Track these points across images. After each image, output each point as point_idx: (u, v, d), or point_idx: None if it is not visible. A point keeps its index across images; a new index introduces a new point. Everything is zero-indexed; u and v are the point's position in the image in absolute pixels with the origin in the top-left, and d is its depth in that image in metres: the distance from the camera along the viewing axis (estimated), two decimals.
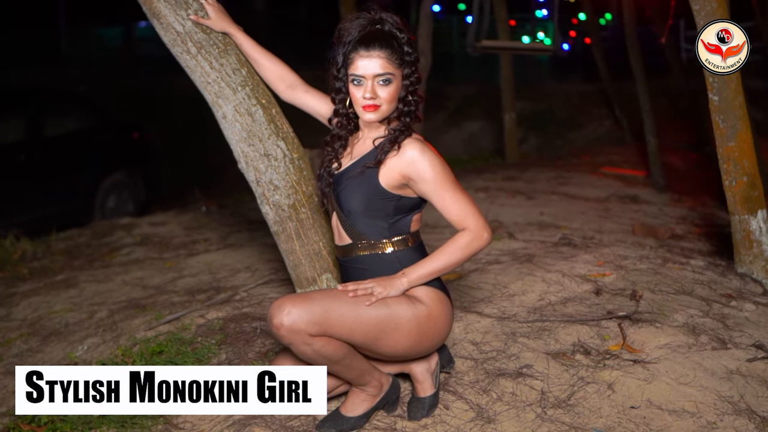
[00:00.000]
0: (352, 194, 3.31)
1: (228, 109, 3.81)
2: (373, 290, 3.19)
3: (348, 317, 3.12)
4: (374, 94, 3.23)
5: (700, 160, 12.11)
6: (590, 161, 12.16)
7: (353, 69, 3.24)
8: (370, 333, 3.18)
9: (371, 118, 3.27)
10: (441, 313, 3.32)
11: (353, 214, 3.32)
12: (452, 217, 3.26)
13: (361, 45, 3.22)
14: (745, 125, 4.97)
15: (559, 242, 6.14)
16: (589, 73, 19.67)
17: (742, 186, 5.00)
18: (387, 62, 3.22)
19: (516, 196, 8.67)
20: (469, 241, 3.23)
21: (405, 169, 3.23)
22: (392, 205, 3.30)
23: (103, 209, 10.44)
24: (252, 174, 3.86)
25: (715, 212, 8.09)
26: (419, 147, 3.23)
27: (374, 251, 3.34)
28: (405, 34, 3.31)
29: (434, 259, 3.26)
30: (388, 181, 3.26)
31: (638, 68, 10.76)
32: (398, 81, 3.27)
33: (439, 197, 3.23)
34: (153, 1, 3.79)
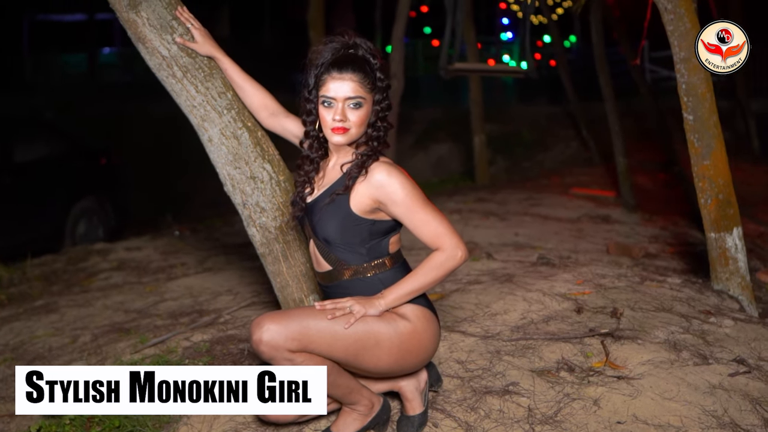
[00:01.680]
0: (326, 223, 3.32)
1: (214, 132, 3.83)
2: (351, 309, 3.21)
3: (326, 334, 3.14)
4: (344, 117, 3.24)
5: (668, 179, 12.23)
6: (560, 182, 12.25)
7: (324, 90, 3.26)
8: (350, 349, 3.20)
9: (339, 140, 3.28)
10: (426, 329, 3.34)
11: (330, 242, 3.33)
12: (425, 238, 3.28)
13: (334, 67, 3.24)
14: (720, 144, 5.04)
15: (537, 262, 6.20)
16: (555, 95, 19.84)
17: (717, 204, 5.07)
18: (359, 86, 3.24)
19: (489, 217, 8.73)
20: (443, 261, 3.25)
21: (374, 193, 3.24)
22: (366, 229, 3.31)
23: (73, 235, 10.38)
24: (238, 197, 3.87)
25: (687, 231, 8.19)
26: (386, 170, 3.24)
27: (356, 276, 3.35)
28: (378, 61, 3.33)
29: (410, 280, 3.27)
30: (359, 207, 3.27)
31: (607, 89, 10.88)
32: (369, 106, 3.29)
33: (411, 219, 3.25)
34: (138, 25, 3.81)
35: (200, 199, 14.65)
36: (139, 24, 3.82)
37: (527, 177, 14.25)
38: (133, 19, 3.82)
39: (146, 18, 3.80)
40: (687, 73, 4.99)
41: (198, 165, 16.91)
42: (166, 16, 3.81)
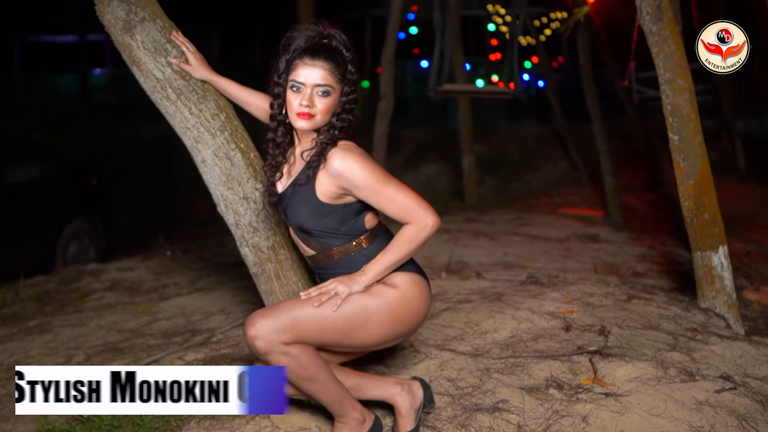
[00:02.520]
0: (297, 213, 3.39)
1: (207, 153, 3.89)
2: (336, 291, 3.29)
3: (316, 320, 3.23)
4: (311, 103, 3.28)
5: (655, 199, 12.31)
6: (548, 202, 12.32)
7: (294, 75, 3.30)
8: (341, 329, 3.28)
9: (303, 125, 3.32)
10: (415, 294, 3.42)
11: (304, 228, 3.41)
12: (394, 216, 3.34)
13: (306, 54, 3.29)
14: (705, 163, 5.11)
15: (526, 281, 6.26)
16: (543, 115, 19.94)
17: (703, 223, 5.14)
18: (329, 74, 3.29)
19: (479, 237, 8.78)
20: (413, 234, 3.32)
21: (335, 181, 3.30)
22: (338, 214, 3.38)
23: (65, 256, 10.40)
24: (231, 217, 3.93)
25: (674, 250, 8.25)
26: (342, 155, 3.28)
27: (340, 257, 3.43)
28: (351, 54, 3.38)
29: (388, 254, 3.34)
30: (325, 195, 3.33)
31: (595, 110, 10.98)
32: (336, 95, 3.33)
33: (376, 200, 3.31)
34: (133, 48, 3.87)
35: (191, 220, 14.70)
36: (134, 47, 3.88)
37: (516, 197, 14.33)
38: (128, 43, 3.89)
39: (141, 41, 3.87)
40: (672, 94, 5.07)
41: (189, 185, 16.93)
42: (160, 40, 3.88)
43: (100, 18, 3.95)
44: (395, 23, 9.66)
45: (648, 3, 5.03)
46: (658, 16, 5.04)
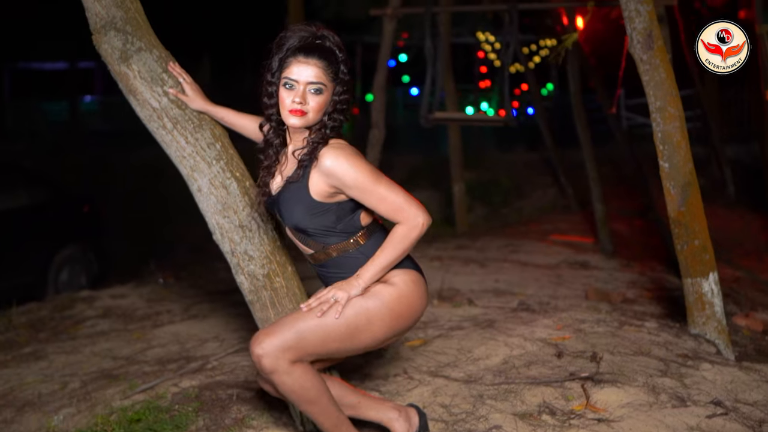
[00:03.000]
0: (291, 213, 3.42)
1: (203, 182, 3.91)
2: (336, 298, 3.33)
3: (319, 330, 3.28)
4: (303, 100, 3.32)
5: (645, 225, 12.36)
6: (539, 229, 12.36)
7: (288, 72, 3.33)
8: (345, 335, 3.33)
9: (295, 123, 3.35)
10: (412, 290, 3.46)
11: (300, 227, 3.44)
12: (385, 215, 3.38)
13: (300, 52, 3.33)
14: (695, 191, 5.16)
15: (518, 308, 6.30)
16: (532, 142, 20.00)
17: (693, 249, 5.18)
18: (322, 72, 3.32)
19: (470, 264, 8.82)
20: (405, 234, 3.35)
21: (327, 180, 3.33)
22: (333, 212, 3.41)
23: (56, 283, 10.38)
24: (227, 245, 3.95)
25: (664, 276, 8.29)
26: (333, 155, 3.31)
27: (338, 254, 3.47)
28: (343, 54, 3.42)
29: (382, 255, 3.37)
30: (319, 194, 3.37)
31: (585, 137, 11.04)
32: (328, 94, 3.37)
33: (367, 199, 3.34)
34: (130, 78, 3.91)
35: (183, 246, 14.68)
36: (131, 77, 3.92)
37: (506, 224, 14.36)
38: (124, 72, 3.92)
39: (137, 71, 3.91)
40: (662, 122, 5.11)
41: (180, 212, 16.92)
42: (156, 69, 3.92)
43: (96, 48, 3.98)
44: (386, 51, 9.70)
45: (638, 32, 5.09)
46: (649, 45, 5.10)
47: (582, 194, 14.17)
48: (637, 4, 5.10)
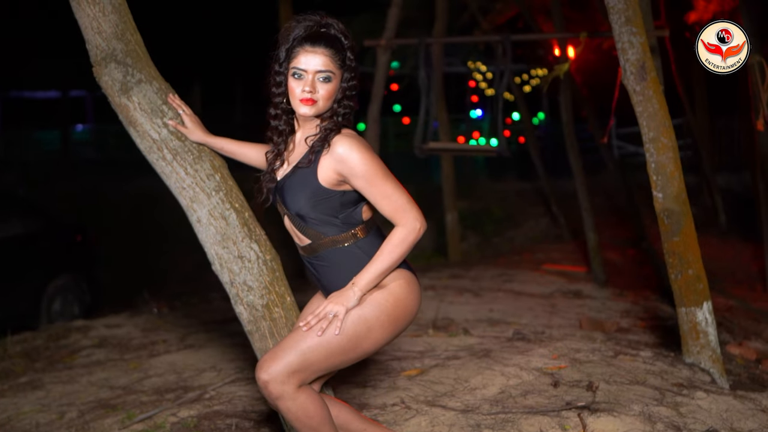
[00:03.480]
0: (296, 198, 3.42)
1: (202, 213, 3.94)
2: (334, 313, 3.32)
3: (321, 348, 3.29)
4: (313, 89, 3.34)
5: (638, 255, 12.42)
6: (531, 258, 12.41)
7: (296, 62, 3.35)
8: (347, 347, 3.33)
9: (306, 112, 3.37)
10: (407, 293, 3.46)
11: (303, 216, 3.44)
12: (386, 212, 3.38)
13: (306, 41, 3.35)
14: (689, 221, 5.19)
15: (513, 337, 6.32)
16: (524, 171, 20.09)
17: (687, 279, 5.21)
18: (330, 60, 3.34)
19: (464, 293, 8.85)
20: (404, 237, 3.35)
21: (337, 166, 3.33)
22: (337, 201, 3.42)
23: (49, 312, 10.37)
24: (226, 275, 3.97)
25: (657, 305, 8.33)
26: (347, 143, 3.32)
27: (335, 246, 3.45)
28: (349, 41, 3.45)
29: (378, 261, 3.36)
30: (326, 180, 3.37)
31: (577, 167, 11.10)
32: (337, 81, 3.39)
33: (371, 192, 3.34)
34: (130, 109, 3.94)
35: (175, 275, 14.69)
36: (131, 108, 3.94)
37: (499, 253, 14.41)
38: (124, 104, 3.95)
39: (138, 103, 3.93)
40: (656, 153, 5.16)
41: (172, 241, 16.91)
42: (156, 101, 3.94)
43: (97, 79, 4.01)
44: (381, 82, 9.77)
45: (632, 63, 5.14)
46: (642, 76, 5.14)
47: (574, 223, 14.24)
48: (630, 36, 5.15)
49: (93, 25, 4.02)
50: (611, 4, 5.19)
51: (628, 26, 5.15)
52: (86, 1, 4.01)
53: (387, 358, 5.73)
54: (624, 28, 5.16)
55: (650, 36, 6.35)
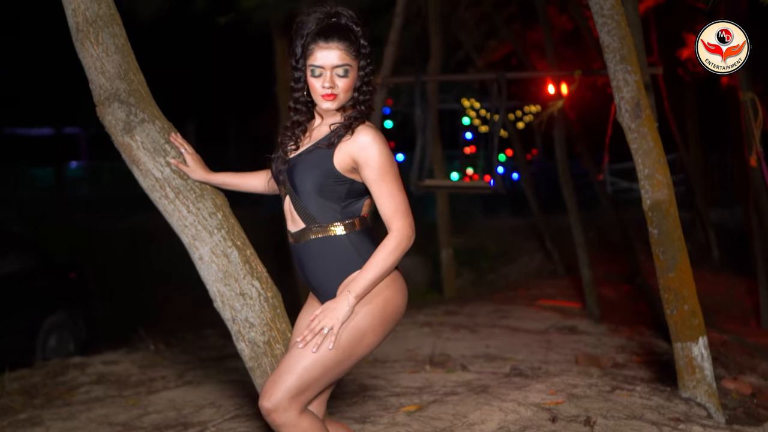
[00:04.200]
0: (306, 176, 3.43)
1: (205, 251, 3.98)
2: (329, 327, 3.31)
3: (317, 365, 3.29)
4: (333, 84, 3.36)
5: (632, 290, 12.47)
6: (526, 294, 12.44)
7: (313, 60, 3.37)
8: (342, 358, 3.32)
9: (329, 106, 3.41)
10: (394, 292, 3.44)
11: (306, 194, 3.44)
12: (383, 210, 3.38)
13: (320, 37, 3.37)
14: (684, 257, 5.24)
15: (511, 373, 6.35)
16: (518, 207, 20.15)
17: (683, 314, 5.25)
18: (345, 54, 3.36)
19: (460, 330, 8.87)
20: (397, 244, 3.35)
21: (355, 152, 3.36)
22: (345, 188, 3.43)
23: (45, 349, 10.38)
24: (228, 312, 4.01)
25: (652, 341, 8.36)
26: (372, 134, 3.36)
27: (326, 234, 3.44)
28: (360, 28, 3.46)
29: (372, 267, 3.35)
30: (341, 165, 3.39)
31: (571, 203, 11.17)
32: (354, 72, 3.41)
33: (378, 187, 3.36)
34: (133, 148, 3.99)
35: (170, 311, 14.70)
36: (134, 147, 4.00)
37: (494, 289, 14.45)
38: (127, 143, 4.01)
39: (140, 142, 3.99)
40: (651, 189, 5.21)
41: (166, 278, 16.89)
42: (159, 140, 4.00)
43: (100, 119, 4.06)
44: (377, 119, 9.85)
45: (627, 101, 5.20)
46: (637, 114, 5.21)
47: (568, 259, 14.29)
48: (625, 74, 5.22)
49: (96, 65, 4.08)
50: (606, 42, 5.26)
51: (623, 64, 5.22)
52: (90, 41, 4.08)
53: (385, 394, 5.75)
54: (619, 67, 5.23)
55: (644, 73, 6.43)
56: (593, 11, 5.32)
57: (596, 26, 5.35)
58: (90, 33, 4.08)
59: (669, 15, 14.48)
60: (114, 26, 4.14)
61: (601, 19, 5.28)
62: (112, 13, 4.16)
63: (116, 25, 4.15)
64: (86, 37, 4.08)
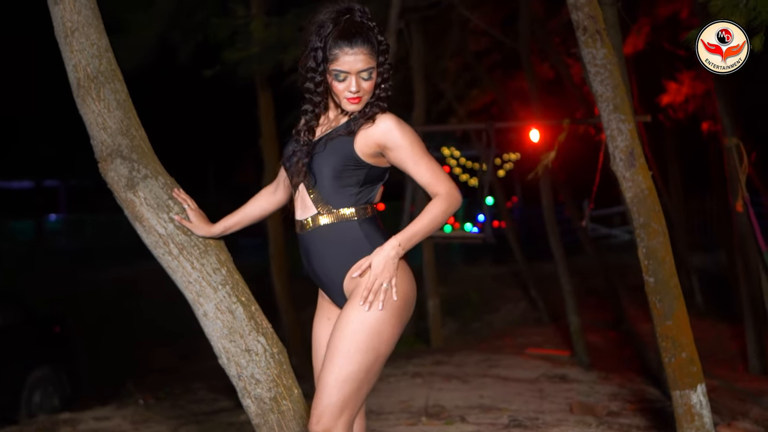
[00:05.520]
0: (326, 159, 3.42)
1: (209, 307, 3.96)
2: (388, 280, 3.31)
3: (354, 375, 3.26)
4: (359, 88, 3.36)
5: (619, 337, 12.48)
6: (513, 343, 12.44)
7: (338, 65, 3.35)
8: (369, 362, 3.29)
9: (354, 109, 3.40)
10: (404, 281, 3.40)
11: (324, 179, 3.43)
12: (425, 181, 3.37)
13: (344, 41, 3.34)
14: (681, 304, 5.25)
15: (509, 424, 6.33)
16: (499, 255, 20.13)
17: (681, 362, 5.25)
18: (368, 57, 3.36)
19: (451, 380, 8.84)
20: (447, 207, 3.34)
21: (381, 138, 3.35)
22: (363, 173, 3.41)
23: (29, 405, 10.26)
24: (233, 369, 3.98)
25: (644, 388, 8.36)
26: (393, 119, 3.37)
27: (340, 220, 3.42)
28: (375, 25, 3.45)
29: (423, 221, 3.34)
30: (363, 149, 3.38)
31: (558, 251, 11.21)
32: (376, 72, 3.41)
33: (414, 163, 3.34)
34: (136, 205, 3.98)
35: (154, 365, 14.59)
36: (137, 204, 3.98)
37: (480, 338, 14.42)
38: (130, 199, 3.99)
39: (144, 198, 3.98)
40: (647, 238, 5.22)
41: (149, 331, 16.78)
42: (162, 196, 3.99)
43: (102, 175, 4.05)
44: None
45: (621, 150, 5.22)
46: (631, 162, 5.23)
47: (552, 306, 14.31)
48: (618, 123, 5.25)
49: (98, 121, 4.08)
50: (599, 92, 5.29)
51: (616, 113, 5.25)
52: (91, 97, 4.08)
53: None
54: (613, 116, 5.26)
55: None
56: (585, 61, 5.36)
57: (589, 76, 5.38)
58: (91, 89, 4.08)
59: (648, 62, 14.65)
60: (115, 82, 4.14)
61: (593, 68, 5.33)
62: (113, 69, 4.17)
63: (117, 80, 4.16)
64: (88, 93, 4.08)
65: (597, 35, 5.39)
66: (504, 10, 14.07)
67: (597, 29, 5.40)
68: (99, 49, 4.12)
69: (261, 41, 10.75)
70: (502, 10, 14.07)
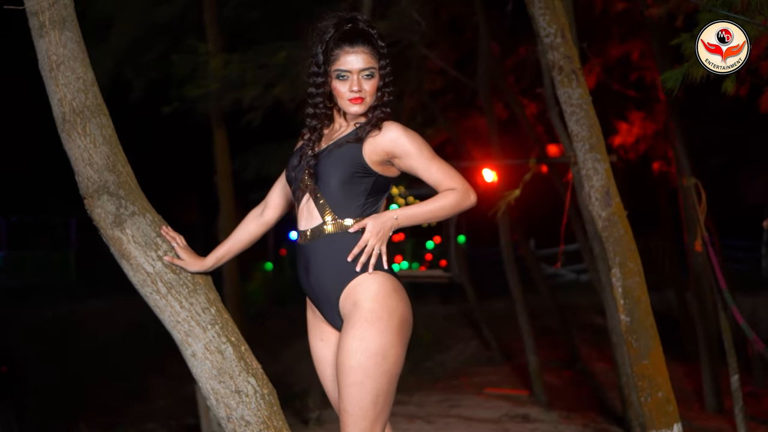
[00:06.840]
0: (333, 167, 3.42)
1: (198, 347, 3.87)
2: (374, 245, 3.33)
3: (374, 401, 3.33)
4: (360, 88, 3.38)
5: (574, 376, 12.51)
6: (470, 382, 12.41)
7: (339, 65, 3.40)
8: (383, 386, 3.34)
9: (357, 110, 3.42)
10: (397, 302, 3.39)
11: (330, 187, 3.43)
12: (439, 178, 3.39)
13: (345, 42, 3.39)
14: (657, 343, 5.27)
15: None
16: (447, 294, 20.11)
17: (657, 402, 5.25)
18: (370, 57, 3.40)
19: (415, 420, 8.80)
20: (458, 202, 3.37)
21: (389, 146, 3.37)
22: (371, 181, 3.42)
23: None
24: (222, 411, 3.89)
25: (607, 428, 8.38)
26: (400, 127, 3.39)
27: (342, 230, 3.41)
28: (376, 29, 3.50)
29: (426, 206, 3.38)
30: (371, 157, 3.39)
31: (516, 290, 11.26)
32: (377, 73, 3.44)
33: (426, 167, 3.36)
34: (123, 242, 3.88)
35: (99, 404, 14.34)
36: (124, 241, 3.89)
37: (435, 378, 14.36)
38: (117, 237, 3.90)
39: (131, 235, 3.89)
40: (623, 277, 5.25)
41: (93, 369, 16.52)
42: (150, 234, 3.91)
43: (89, 213, 3.96)
44: None
45: (597, 189, 5.25)
46: (607, 202, 5.26)
47: (506, 346, 14.32)
48: (594, 163, 5.28)
49: (84, 156, 3.98)
50: (575, 131, 5.33)
51: (592, 153, 5.28)
52: (77, 132, 3.99)
53: None
54: (588, 155, 5.29)
55: None
56: (561, 100, 5.41)
57: (564, 115, 5.44)
58: (77, 124, 3.99)
59: (599, 102, 14.78)
60: (101, 117, 4.06)
61: (569, 108, 5.37)
62: (99, 103, 4.08)
63: (103, 115, 4.07)
64: (73, 128, 3.99)
65: (573, 75, 5.44)
66: (460, 49, 14.18)
67: (573, 69, 5.45)
68: (85, 83, 4.04)
69: (221, 78, 10.72)
70: (457, 49, 14.17)
